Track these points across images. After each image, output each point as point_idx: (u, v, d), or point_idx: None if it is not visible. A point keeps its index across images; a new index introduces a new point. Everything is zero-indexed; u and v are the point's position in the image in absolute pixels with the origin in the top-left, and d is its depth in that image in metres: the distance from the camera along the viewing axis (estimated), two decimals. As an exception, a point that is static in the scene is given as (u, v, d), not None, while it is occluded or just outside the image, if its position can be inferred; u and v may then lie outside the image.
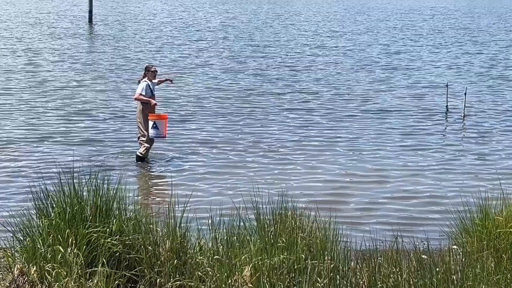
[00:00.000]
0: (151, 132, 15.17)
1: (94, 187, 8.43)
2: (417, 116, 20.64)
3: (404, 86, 25.92)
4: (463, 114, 20.54)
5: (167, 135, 15.60)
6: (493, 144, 17.61)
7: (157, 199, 13.12)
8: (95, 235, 7.98)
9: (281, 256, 8.03)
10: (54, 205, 8.28)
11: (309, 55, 34.29)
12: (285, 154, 16.14)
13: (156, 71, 15.72)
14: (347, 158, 15.91)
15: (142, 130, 15.29)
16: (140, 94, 15.20)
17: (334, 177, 14.61)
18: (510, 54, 36.47)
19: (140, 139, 15.44)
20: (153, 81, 15.60)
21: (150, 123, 15.11)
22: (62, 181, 8.36)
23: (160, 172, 14.96)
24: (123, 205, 8.57)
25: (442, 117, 20.62)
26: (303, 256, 8.11)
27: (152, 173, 14.90)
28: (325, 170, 15.01)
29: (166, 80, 16.77)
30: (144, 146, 15.33)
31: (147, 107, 15.29)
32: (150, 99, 15.32)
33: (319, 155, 16.09)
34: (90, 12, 50.28)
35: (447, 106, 21.41)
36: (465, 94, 20.82)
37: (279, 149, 16.59)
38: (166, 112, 16.97)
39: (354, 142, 17.33)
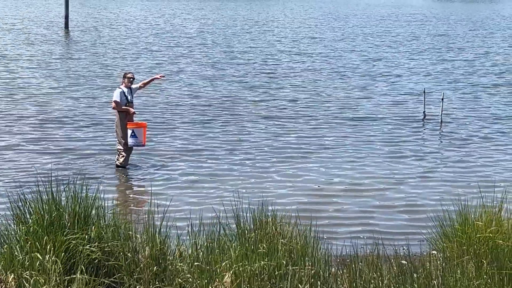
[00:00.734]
0: (130, 140, 15.07)
1: (72, 194, 8.34)
2: (395, 123, 20.70)
3: (381, 93, 26.00)
4: (440, 120, 20.63)
5: (145, 144, 15.51)
6: (471, 150, 17.70)
7: (137, 206, 13.01)
8: (73, 242, 7.89)
9: (262, 262, 7.99)
10: (32, 212, 8.18)
11: (286, 62, 34.32)
12: (265, 161, 16.09)
13: (133, 78, 15.55)
14: (326, 165, 15.87)
15: (120, 139, 15.17)
16: (115, 101, 15.05)
17: (314, 184, 14.57)
18: (487, 60, 36.74)
19: (118, 148, 15.32)
20: (132, 86, 15.48)
21: (129, 132, 15.00)
22: (40, 187, 8.27)
23: (140, 179, 14.84)
24: (102, 212, 8.49)
25: (419, 123, 20.69)
26: (284, 262, 8.08)
27: (132, 181, 14.79)
28: (305, 177, 14.97)
29: (154, 79, 16.50)
30: (123, 155, 15.22)
31: (125, 116, 15.17)
32: (129, 108, 15.21)
33: (299, 162, 16.06)
34: (66, 17, 49.96)
35: (424, 112, 21.50)
36: (442, 100, 20.93)
37: (258, 156, 16.53)
38: (144, 121, 16.83)
39: (333, 150, 17.30)
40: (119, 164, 15.29)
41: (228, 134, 18.55)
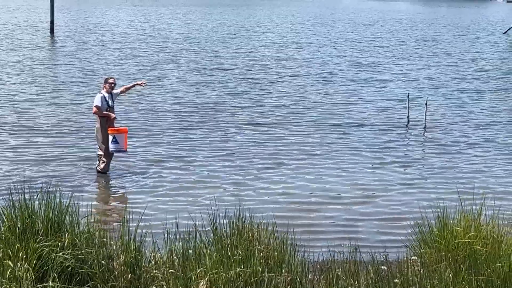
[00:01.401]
0: (111, 146, 14.93)
1: (46, 200, 8.23)
2: (379, 128, 20.64)
3: (366, 98, 25.97)
4: (424, 125, 20.61)
5: (127, 149, 15.39)
6: (453, 155, 17.67)
7: (113, 212, 12.85)
8: (46, 249, 7.78)
9: (238, 269, 7.92)
10: (4, 219, 8.06)
11: (272, 68, 34.26)
12: (243, 167, 15.95)
13: (114, 83, 15.40)
14: (306, 172, 15.74)
15: (101, 145, 15.04)
16: (96, 106, 14.91)
17: (293, 190, 14.44)
18: (472, 66, 36.85)
19: (99, 153, 15.18)
20: (114, 91, 15.36)
21: (110, 137, 14.87)
22: (12, 194, 8.16)
23: (119, 186, 14.70)
24: (76, 219, 8.38)
25: (403, 128, 20.65)
26: (260, 268, 8.00)
27: (111, 187, 14.63)
28: (284, 184, 14.85)
29: (136, 84, 16.36)
30: (103, 161, 15.08)
31: (106, 121, 15.04)
32: (110, 114, 15.08)
33: (279, 169, 15.92)
34: (52, 23, 49.84)
35: (408, 117, 21.48)
36: (426, 105, 20.91)
37: (239, 163, 16.39)
38: (126, 126, 16.68)
39: (314, 156, 17.19)
40: (99, 170, 15.16)
41: (210, 141, 18.38)
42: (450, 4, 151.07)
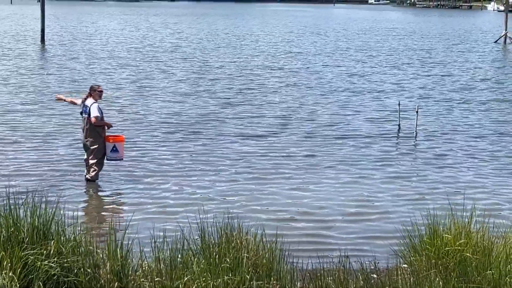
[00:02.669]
0: (111, 155, 14.85)
1: (31, 208, 8.13)
2: (370, 135, 20.57)
3: (357, 106, 25.93)
4: (415, 134, 20.58)
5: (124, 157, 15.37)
6: (443, 163, 17.61)
7: (100, 220, 12.67)
8: (31, 257, 7.69)
9: (226, 277, 7.84)
10: (-11, 227, 7.96)
11: (263, 78, 34.20)
12: (232, 176, 15.80)
13: (102, 91, 15.34)
14: (296, 181, 15.61)
15: (95, 154, 14.88)
16: (95, 117, 14.73)
17: (282, 197, 14.33)
18: (464, 75, 36.92)
19: (90, 162, 15.03)
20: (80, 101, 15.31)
21: (110, 146, 14.79)
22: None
23: (104, 193, 14.54)
24: (62, 227, 8.29)
25: (394, 137, 20.59)
26: (248, 277, 7.93)
27: (96, 195, 14.45)
28: (272, 191, 14.71)
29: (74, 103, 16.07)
30: (94, 169, 14.95)
31: (103, 130, 14.96)
32: (108, 123, 15.05)
33: (267, 177, 15.82)
34: (43, 31, 49.81)
35: (399, 125, 21.44)
36: (416, 112, 20.88)
37: (226, 170, 16.27)
38: (116, 134, 16.53)
39: (304, 166, 17.03)
40: (89, 178, 15.03)
41: (199, 151, 18.22)
42: (442, 13, 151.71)
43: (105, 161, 15.15)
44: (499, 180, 16.11)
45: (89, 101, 14.87)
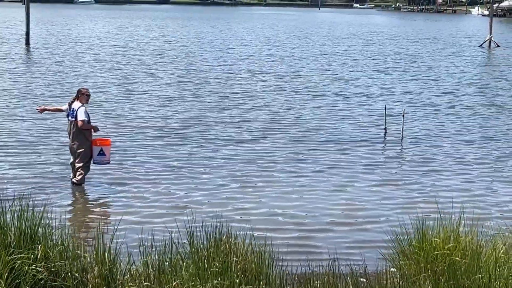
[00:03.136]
0: (97, 158, 14.78)
1: (18, 212, 8.06)
2: (355, 139, 20.56)
3: (343, 111, 25.93)
4: (401, 137, 20.60)
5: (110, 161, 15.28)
6: (430, 166, 17.62)
7: (87, 224, 12.59)
8: (18, 262, 7.61)
9: (215, 281, 7.79)
10: (-25, 231, 7.88)
11: (248, 82, 34.18)
12: (220, 180, 15.74)
13: (90, 95, 15.25)
14: (284, 185, 15.56)
15: (82, 157, 14.78)
16: (82, 121, 14.63)
17: (270, 201, 14.28)
18: (449, 79, 37.06)
19: (76, 165, 14.93)
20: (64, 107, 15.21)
21: (97, 150, 14.72)
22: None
23: (92, 197, 14.44)
24: (50, 231, 8.21)
25: (380, 140, 20.60)
26: (238, 281, 7.88)
27: (84, 199, 14.36)
28: (260, 196, 14.63)
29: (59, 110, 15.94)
30: (81, 173, 14.86)
31: (90, 134, 14.87)
32: (95, 127, 14.97)
33: (254, 180, 15.78)
34: (27, 34, 49.67)
35: (385, 128, 21.47)
36: (403, 116, 20.91)
37: (214, 174, 16.22)
38: (104, 138, 16.44)
39: (292, 169, 16.98)
40: (75, 181, 14.92)
41: (187, 154, 18.15)
42: (426, 17, 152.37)
43: (91, 164, 15.08)
44: (486, 184, 16.14)
45: (76, 104, 14.78)
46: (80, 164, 14.85)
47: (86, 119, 14.69)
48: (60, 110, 15.63)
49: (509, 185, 16.11)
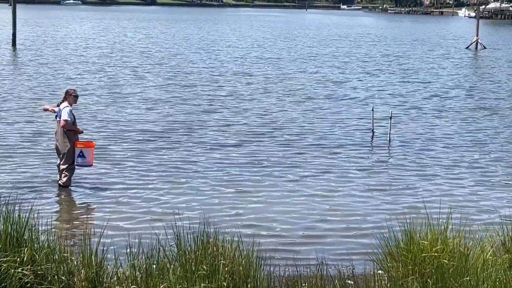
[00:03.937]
0: (78, 160, 14.70)
1: (4, 215, 8.00)
2: (343, 142, 20.53)
3: (330, 113, 25.93)
4: (388, 139, 20.61)
5: (93, 163, 15.16)
6: (418, 168, 17.63)
7: (74, 227, 12.50)
8: (4, 265, 7.55)
9: (202, 284, 7.77)
10: (-40, 234, 7.82)
11: (235, 84, 34.13)
12: (207, 182, 15.70)
13: (77, 96, 15.19)
14: (272, 188, 15.51)
15: (66, 159, 14.71)
16: (65, 120, 14.58)
17: (258, 205, 14.23)
18: (436, 81, 37.17)
19: (61, 167, 14.86)
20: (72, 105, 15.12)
21: (77, 151, 14.64)
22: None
23: (79, 200, 14.34)
24: (36, 233, 8.16)
25: (368, 143, 20.61)
26: (225, 284, 7.86)
27: (71, 201, 14.27)
28: (247, 199, 14.56)
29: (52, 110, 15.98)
30: (66, 175, 14.78)
31: (74, 135, 14.79)
32: (78, 128, 14.89)
33: (242, 184, 15.71)
34: (14, 35, 49.48)
35: (372, 130, 21.47)
36: (390, 118, 20.92)
37: (201, 178, 16.14)
38: (90, 140, 16.37)
39: (278, 172, 16.93)
40: (62, 184, 14.85)
41: (174, 157, 18.05)
42: (413, 19, 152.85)
43: (76, 166, 15.01)
44: (474, 187, 16.15)
45: (63, 105, 14.79)
46: (65, 166, 14.78)
47: (69, 119, 14.62)
48: (55, 111, 15.60)
49: (497, 188, 16.14)
